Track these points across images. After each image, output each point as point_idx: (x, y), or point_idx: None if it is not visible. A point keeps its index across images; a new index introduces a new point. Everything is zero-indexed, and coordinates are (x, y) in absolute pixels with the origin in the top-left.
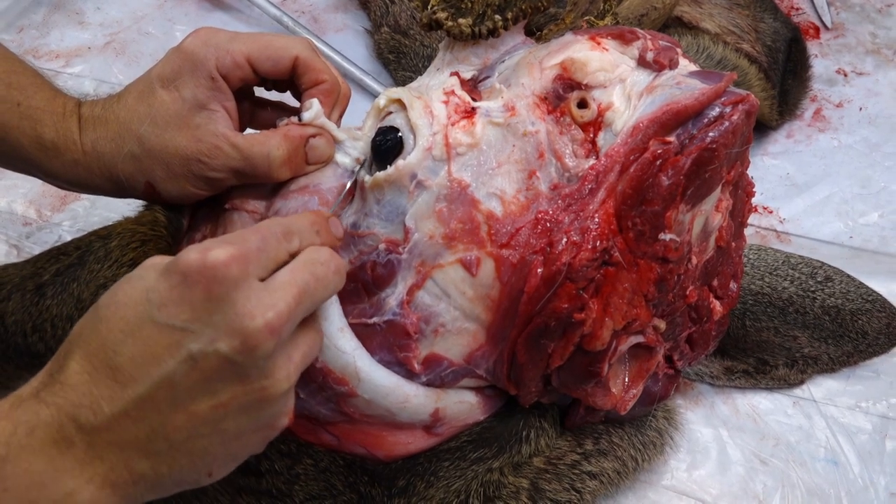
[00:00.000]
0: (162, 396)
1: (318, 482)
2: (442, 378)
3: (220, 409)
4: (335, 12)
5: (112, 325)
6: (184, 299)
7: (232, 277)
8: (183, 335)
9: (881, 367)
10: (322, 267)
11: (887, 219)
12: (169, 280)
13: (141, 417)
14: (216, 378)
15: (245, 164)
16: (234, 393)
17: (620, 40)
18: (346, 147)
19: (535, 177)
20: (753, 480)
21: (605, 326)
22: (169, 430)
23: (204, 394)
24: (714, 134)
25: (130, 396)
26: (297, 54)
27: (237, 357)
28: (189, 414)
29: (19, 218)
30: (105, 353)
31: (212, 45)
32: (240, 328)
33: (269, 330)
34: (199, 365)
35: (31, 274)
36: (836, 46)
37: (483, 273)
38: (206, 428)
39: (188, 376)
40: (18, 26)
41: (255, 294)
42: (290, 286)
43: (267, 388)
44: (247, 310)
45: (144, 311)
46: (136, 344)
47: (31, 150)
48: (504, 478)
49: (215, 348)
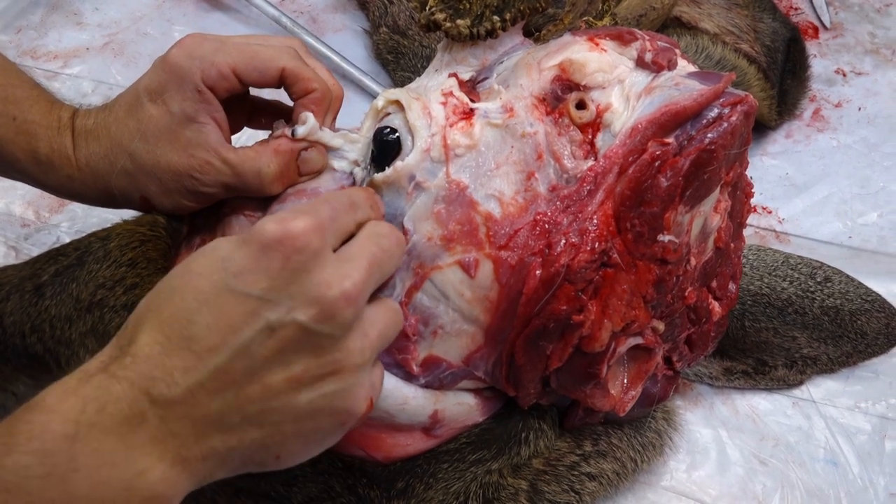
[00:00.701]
0: (238, 367)
1: (316, 484)
2: (441, 380)
3: (294, 383)
4: (334, 12)
5: (186, 294)
6: (262, 268)
7: (311, 248)
8: (260, 304)
9: (880, 368)
10: (386, 239)
11: (886, 219)
12: (246, 249)
13: (216, 389)
14: (292, 349)
15: (236, 180)
16: (308, 366)
17: (619, 41)
18: (343, 151)
19: (534, 178)
20: (753, 481)
21: (603, 328)
22: (243, 401)
23: (279, 365)
24: (713, 135)
25: (207, 367)
26: (284, 65)
27: (314, 326)
28: (264, 386)
29: (17, 219)
30: (179, 324)
31: (197, 56)
32: (318, 297)
33: (345, 299)
34: (277, 334)
35: (29, 275)
36: (834, 46)
37: (481, 275)
38: (279, 401)
39: (265, 346)
40: (16, 27)
41: (332, 264)
42: (361, 257)
43: (340, 362)
44: (324, 279)
45: (221, 281)
46: (213, 313)
47: (27, 164)
48: (503, 479)
49: (293, 317)
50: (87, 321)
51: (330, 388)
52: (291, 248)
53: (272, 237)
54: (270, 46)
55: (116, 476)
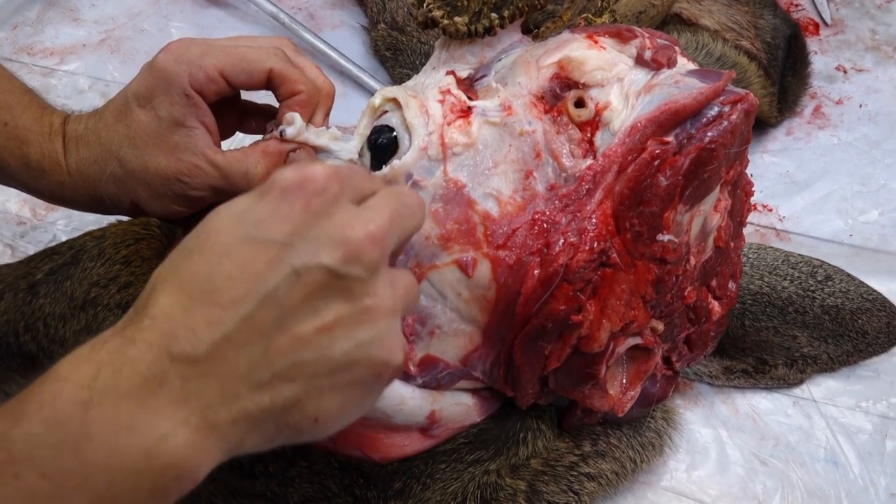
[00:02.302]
0: (266, 316)
1: (312, 484)
2: (438, 380)
3: (326, 331)
4: (332, 9)
5: (206, 250)
6: (282, 213)
7: (331, 191)
8: (284, 249)
9: (881, 367)
10: (408, 197)
11: (887, 217)
12: (265, 197)
13: (244, 342)
14: (320, 294)
15: (224, 182)
16: (338, 312)
17: (618, 39)
18: (337, 151)
19: (532, 177)
20: (753, 481)
21: (602, 328)
22: (273, 354)
23: (308, 313)
24: (713, 134)
25: (233, 319)
26: (271, 67)
27: (341, 268)
28: (293, 336)
29: (13, 217)
30: (200, 279)
31: (184, 61)
32: (343, 239)
33: (370, 239)
34: (303, 279)
35: (23, 273)
36: (835, 43)
37: (479, 274)
38: (311, 352)
39: (292, 292)
40: (13, 23)
41: (353, 209)
42: (383, 207)
43: (371, 308)
44: (346, 221)
45: (241, 231)
46: (235, 263)
47: (17, 169)
48: (501, 480)
49: (318, 260)
50: (81, 319)
51: (364, 336)
52: (312, 191)
53: (291, 181)
54: (257, 48)
55: (135, 442)
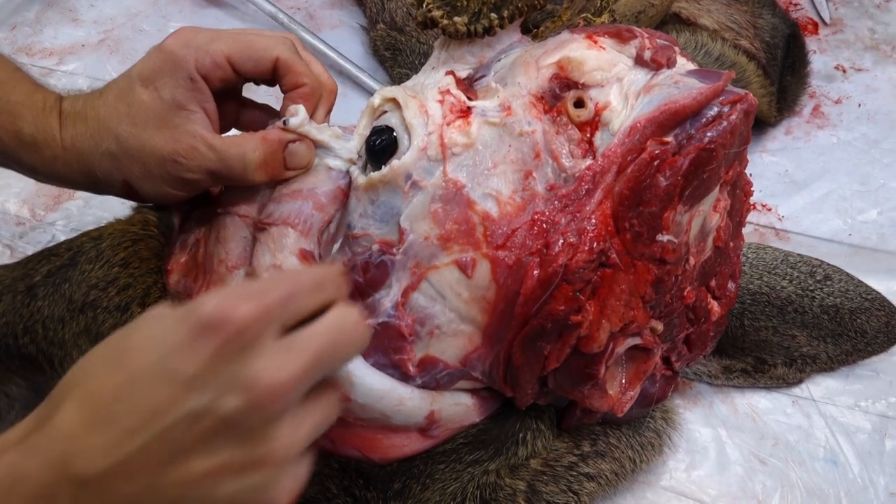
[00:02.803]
0: (158, 451)
1: (312, 486)
2: (437, 380)
3: (215, 473)
4: (331, 9)
5: (115, 370)
6: (193, 351)
7: (248, 335)
8: (188, 389)
9: (880, 366)
10: (345, 335)
11: (886, 216)
12: (181, 328)
13: (135, 471)
14: (216, 437)
15: (220, 165)
16: (230, 457)
17: (618, 39)
18: (337, 149)
19: (532, 177)
20: (752, 480)
21: (601, 328)
22: (161, 487)
23: (200, 454)
24: (712, 134)
25: (127, 449)
26: (278, 55)
27: (240, 416)
28: (182, 474)
29: (12, 218)
30: (104, 400)
31: (192, 45)
32: (246, 387)
33: (272, 393)
34: (200, 422)
35: (21, 275)
36: (834, 42)
37: (479, 274)
38: (198, 491)
39: (187, 433)
40: (11, 24)
41: (269, 353)
42: (307, 350)
43: (265, 456)
44: (256, 369)
45: (150, 360)
46: (139, 392)
47: (10, 144)
48: (500, 480)
49: (218, 405)
50: (79, 322)
51: (251, 482)
52: (226, 335)
53: (209, 320)
54: (266, 37)
55: None
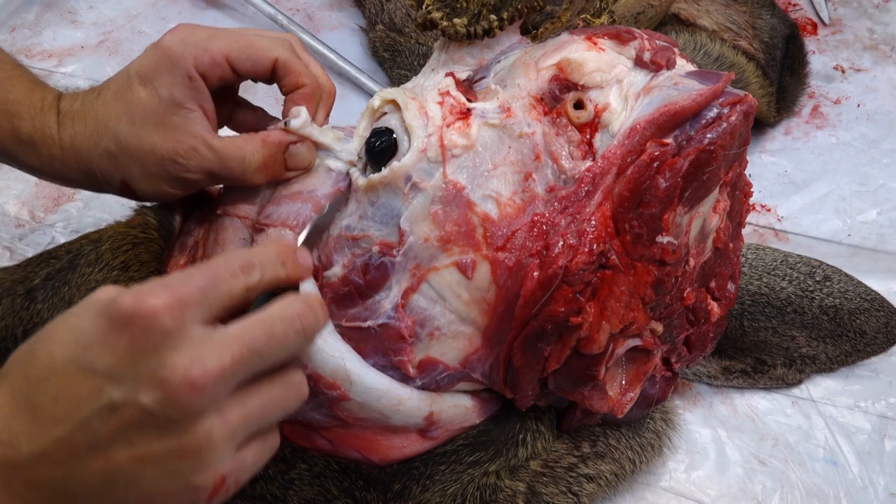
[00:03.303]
0: (79, 440)
1: (312, 487)
2: (437, 382)
3: (138, 461)
4: (330, 10)
5: (39, 360)
6: (109, 345)
7: (162, 327)
8: (105, 381)
9: (880, 367)
10: (283, 325)
11: (886, 216)
12: (99, 322)
13: (58, 459)
14: (135, 428)
15: (220, 166)
16: (151, 446)
17: (617, 40)
18: (337, 151)
19: (531, 179)
20: (752, 481)
21: (601, 330)
22: (86, 474)
23: (122, 442)
24: (712, 135)
25: (48, 436)
26: (277, 56)
27: (156, 409)
28: (106, 460)
29: (12, 219)
30: (28, 389)
31: (190, 43)
32: (161, 381)
33: (189, 386)
34: (119, 413)
35: (21, 278)
36: (833, 42)
37: (479, 276)
38: (122, 477)
39: (107, 423)
40: (11, 25)
41: (188, 345)
42: (233, 342)
43: (186, 445)
44: (171, 362)
45: (71, 352)
46: (59, 384)
47: (8, 143)
48: (500, 481)
49: (135, 398)
50: None
51: (175, 468)
52: (141, 327)
53: (124, 313)
54: (266, 37)
55: None
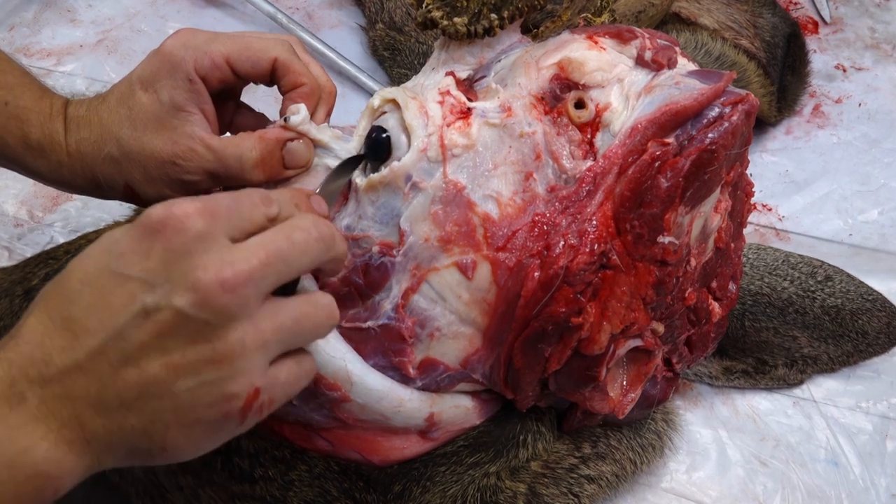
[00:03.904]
0: (113, 349)
1: (312, 488)
2: (438, 383)
3: (172, 370)
4: (329, 9)
5: (73, 276)
6: (143, 250)
7: (195, 230)
8: (139, 286)
9: (881, 367)
10: (302, 233)
11: (887, 216)
12: (131, 231)
13: (92, 370)
14: (169, 334)
15: (218, 165)
16: (186, 352)
17: (618, 39)
18: (337, 150)
19: (532, 179)
20: (753, 482)
21: (602, 330)
22: (119, 385)
23: (156, 350)
24: (713, 135)
25: (83, 348)
26: (276, 56)
27: (191, 312)
28: (140, 370)
29: (11, 219)
30: (62, 304)
31: (191, 46)
32: (195, 282)
33: (222, 286)
34: (153, 318)
35: (20, 278)
36: (834, 41)
37: (479, 276)
38: (156, 388)
39: (141, 329)
40: (9, 24)
41: (218, 250)
42: (259, 248)
43: (218, 351)
44: (203, 263)
45: (104, 262)
46: (93, 294)
47: (17, 149)
48: (501, 482)
49: (169, 301)
50: None
51: (209, 377)
52: (173, 230)
53: (156, 218)
54: (265, 38)
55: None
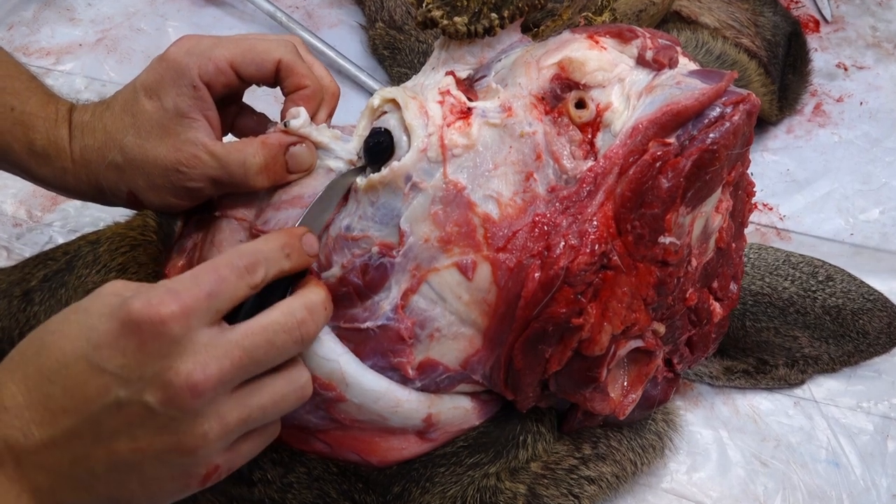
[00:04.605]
0: (87, 431)
1: (311, 490)
2: (437, 383)
3: (139, 453)
4: (329, 8)
5: (52, 354)
6: (119, 346)
7: (170, 335)
8: (113, 380)
9: (882, 367)
10: (284, 335)
11: (888, 215)
12: (110, 324)
13: (66, 446)
14: (138, 424)
15: (221, 172)
16: (152, 441)
17: (619, 39)
18: (338, 151)
19: (533, 179)
20: (754, 482)
21: (603, 331)
22: (91, 461)
23: (125, 436)
24: (715, 135)
25: (59, 426)
26: (280, 57)
27: (159, 409)
28: (110, 451)
29: (9, 219)
30: (41, 381)
31: (195, 53)
32: (165, 383)
33: (191, 390)
34: (125, 410)
35: (18, 280)
36: (836, 40)
37: (479, 277)
38: (124, 466)
39: (113, 418)
40: (8, 23)
41: (192, 352)
42: (235, 348)
43: (185, 444)
44: (175, 367)
45: (82, 349)
46: (70, 378)
47: (22, 155)
48: (501, 483)
49: (141, 397)
50: None
51: (173, 461)
52: (150, 334)
53: (134, 318)
54: (268, 40)
55: None
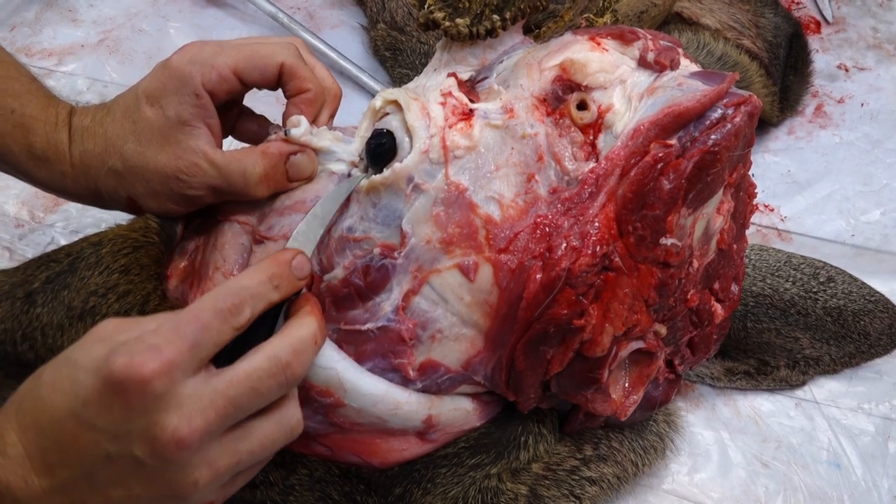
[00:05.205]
0: (83, 481)
1: (313, 492)
2: (438, 385)
3: (134, 499)
4: (331, 9)
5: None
6: (105, 403)
7: (153, 392)
8: (103, 436)
9: (884, 368)
10: (269, 380)
11: (889, 216)
12: (95, 380)
13: (65, 493)
14: (130, 475)
15: (222, 181)
16: (145, 488)
17: (621, 40)
18: (339, 152)
19: (534, 180)
20: (755, 483)
21: (605, 332)
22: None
23: (119, 485)
24: (716, 136)
25: (57, 477)
26: (283, 61)
27: (149, 461)
28: (107, 498)
29: (12, 219)
30: (38, 435)
31: (197, 61)
32: (152, 438)
33: (177, 444)
34: (116, 463)
35: (21, 281)
36: (837, 41)
37: (481, 278)
38: None
39: (106, 470)
40: (10, 24)
41: (176, 404)
42: (219, 398)
43: (176, 492)
44: (161, 422)
45: (71, 405)
46: (63, 433)
47: (21, 157)
48: (502, 484)
49: (130, 451)
50: (79, 329)
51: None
52: (134, 393)
53: (118, 378)
54: (270, 43)
55: None
